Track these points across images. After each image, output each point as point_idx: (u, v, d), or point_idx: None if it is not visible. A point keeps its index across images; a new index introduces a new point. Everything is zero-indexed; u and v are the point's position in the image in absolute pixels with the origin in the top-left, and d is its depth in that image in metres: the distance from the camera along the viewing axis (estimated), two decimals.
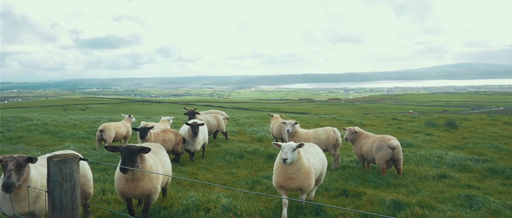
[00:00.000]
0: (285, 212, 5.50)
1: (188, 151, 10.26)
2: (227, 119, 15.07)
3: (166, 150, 9.41)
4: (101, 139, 11.35)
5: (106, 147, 4.94)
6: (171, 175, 6.05)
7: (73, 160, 2.56)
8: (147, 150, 4.79)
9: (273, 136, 12.60)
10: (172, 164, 9.72)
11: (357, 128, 9.21)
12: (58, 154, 2.73)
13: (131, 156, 4.69)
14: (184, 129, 10.26)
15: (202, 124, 10.34)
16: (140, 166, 4.85)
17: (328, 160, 10.13)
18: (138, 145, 4.98)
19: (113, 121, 17.61)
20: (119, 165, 4.86)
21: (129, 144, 4.84)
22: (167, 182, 6.13)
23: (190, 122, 10.12)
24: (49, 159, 2.57)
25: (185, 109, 13.14)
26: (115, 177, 5.13)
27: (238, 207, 5.73)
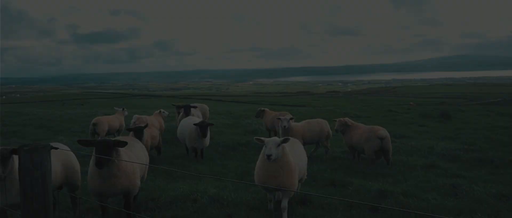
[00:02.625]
0: (271, 206, 5.51)
1: (193, 148, 9.53)
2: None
3: (151, 147, 9.09)
4: (94, 133, 11.36)
5: (78, 141, 4.70)
6: (147, 163, 5.85)
7: (44, 149, 2.60)
8: (124, 143, 4.60)
9: (267, 129, 12.70)
10: (157, 157, 9.63)
11: (347, 119, 9.27)
12: (30, 144, 2.77)
13: (106, 150, 4.46)
14: (190, 128, 9.37)
15: (212, 124, 9.82)
16: (116, 161, 4.66)
17: (319, 151, 10.25)
18: (113, 138, 4.85)
19: (109, 115, 17.60)
20: (91, 161, 4.68)
21: (104, 138, 4.75)
22: (143, 176, 5.86)
23: (198, 122, 9.33)
24: (20, 148, 2.61)
25: (174, 105, 13.45)
26: (88, 175, 4.85)
27: (225, 197, 5.80)
